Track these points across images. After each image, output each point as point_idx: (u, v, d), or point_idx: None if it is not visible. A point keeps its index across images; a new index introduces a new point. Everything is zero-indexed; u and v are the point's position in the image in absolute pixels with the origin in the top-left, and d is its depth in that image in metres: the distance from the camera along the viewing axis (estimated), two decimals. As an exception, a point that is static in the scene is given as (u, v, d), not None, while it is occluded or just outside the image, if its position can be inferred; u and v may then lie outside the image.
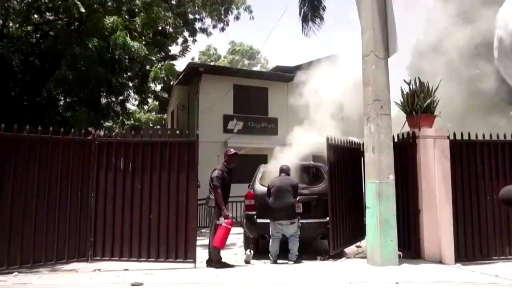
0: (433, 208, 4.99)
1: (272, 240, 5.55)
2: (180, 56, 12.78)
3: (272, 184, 5.66)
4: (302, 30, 10.29)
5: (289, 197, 5.49)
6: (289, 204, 5.48)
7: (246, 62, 34.52)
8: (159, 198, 5.10)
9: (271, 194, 5.58)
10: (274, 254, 5.54)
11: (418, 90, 5.34)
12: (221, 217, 5.08)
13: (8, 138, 4.64)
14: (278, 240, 5.54)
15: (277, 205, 5.48)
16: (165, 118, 25.94)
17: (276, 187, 5.56)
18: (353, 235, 6.06)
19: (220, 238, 5.02)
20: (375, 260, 4.67)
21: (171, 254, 5.01)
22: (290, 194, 5.51)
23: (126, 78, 11.03)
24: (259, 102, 15.41)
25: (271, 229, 5.55)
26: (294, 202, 5.53)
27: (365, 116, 4.98)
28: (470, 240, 5.12)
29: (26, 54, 10.19)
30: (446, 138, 5.15)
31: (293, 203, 5.53)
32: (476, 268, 4.60)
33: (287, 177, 5.72)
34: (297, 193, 5.60)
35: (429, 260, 4.88)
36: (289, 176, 5.75)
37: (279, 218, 5.48)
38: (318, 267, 5.11)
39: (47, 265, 4.75)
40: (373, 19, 4.90)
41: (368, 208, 4.89)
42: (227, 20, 11.78)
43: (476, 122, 13.93)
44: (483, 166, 5.25)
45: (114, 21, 7.94)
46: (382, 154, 4.77)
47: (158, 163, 5.15)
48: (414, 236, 5.11)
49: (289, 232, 5.47)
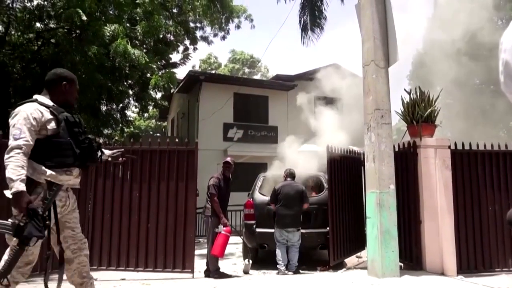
0: (434, 218, 4.94)
1: (278, 247, 5.50)
2: (180, 64, 12.81)
3: (280, 190, 5.63)
4: (301, 39, 10.33)
5: (298, 204, 5.48)
6: (299, 212, 5.49)
7: (247, 70, 34.67)
8: (157, 206, 5.04)
9: (279, 200, 5.56)
10: (282, 262, 5.46)
11: (418, 99, 5.32)
12: (220, 225, 5.03)
13: (6, 145, 4.59)
14: (284, 247, 5.51)
15: (286, 212, 5.46)
16: (165, 125, 25.97)
17: (286, 193, 5.54)
18: (354, 246, 5.99)
19: (219, 247, 4.96)
20: (376, 271, 4.59)
21: (169, 264, 4.94)
22: (299, 200, 5.50)
23: (126, 86, 11.03)
24: (259, 111, 15.44)
25: (276, 235, 5.51)
26: (303, 209, 5.54)
27: (366, 125, 4.96)
28: (472, 252, 5.05)
29: (27, 61, 10.21)
30: (447, 147, 5.11)
31: (302, 210, 5.55)
32: (478, 280, 4.53)
33: (295, 182, 5.72)
34: (306, 199, 5.59)
35: (431, 272, 4.81)
36: (294, 181, 5.76)
37: (286, 225, 5.46)
38: (318, 278, 5.03)
39: (42, 275, 4.67)
40: (374, 29, 4.90)
41: (368, 218, 4.83)
42: (228, 28, 11.82)
43: (476, 133, 13.94)
44: (484, 176, 5.21)
45: (115, 29, 7.96)
46: (382, 164, 4.73)
47: (157, 171, 5.11)
48: (416, 247, 5.04)
49: (294, 240, 5.45)
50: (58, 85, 2.54)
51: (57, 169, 2.37)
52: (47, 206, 2.28)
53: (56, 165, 2.37)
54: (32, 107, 2.36)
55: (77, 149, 2.43)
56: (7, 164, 2.17)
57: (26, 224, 2.12)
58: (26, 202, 2.14)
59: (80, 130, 2.50)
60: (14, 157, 2.19)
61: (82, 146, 2.47)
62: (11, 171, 2.15)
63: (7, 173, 2.15)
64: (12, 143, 2.23)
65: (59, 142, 2.38)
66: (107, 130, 12.79)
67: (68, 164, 2.42)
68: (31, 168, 2.29)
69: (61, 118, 2.40)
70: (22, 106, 2.38)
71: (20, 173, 2.16)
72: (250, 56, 34.86)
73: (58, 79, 2.55)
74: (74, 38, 8.80)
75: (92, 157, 2.57)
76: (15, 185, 2.12)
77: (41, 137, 2.34)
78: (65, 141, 2.40)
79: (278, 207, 5.54)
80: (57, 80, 2.54)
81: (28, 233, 2.11)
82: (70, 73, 2.66)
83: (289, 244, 5.49)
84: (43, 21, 9.62)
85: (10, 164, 2.17)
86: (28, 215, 2.13)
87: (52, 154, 2.36)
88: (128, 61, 8.01)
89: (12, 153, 2.21)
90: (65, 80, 2.57)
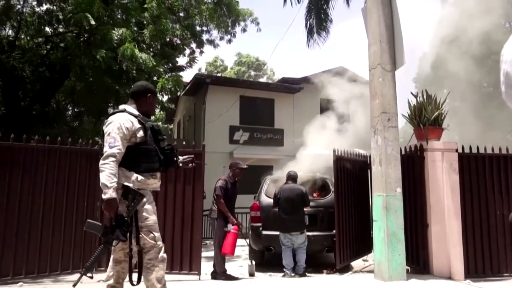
0: (441, 222, 4.91)
1: (284, 251, 5.47)
2: (187, 67, 12.89)
3: (279, 193, 5.59)
4: (307, 42, 10.36)
5: (299, 207, 5.46)
6: (301, 215, 5.46)
7: (253, 73, 34.76)
8: (164, 209, 5.08)
9: (279, 204, 5.53)
10: (288, 266, 5.44)
11: (425, 102, 5.31)
12: (228, 224, 5.07)
13: (17, 148, 4.68)
14: (290, 250, 5.47)
15: (287, 216, 5.44)
16: (171, 128, 26.09)
17: (286, 197, 5.51)
18: (360, 249, 5.97)
19: (230, 246, 5.00)
20: (383, 274, 4.58)
21: (176, 266, 4.97)
22: (300, 203, 5.47)
23: (134, 89, 11.15)
24: (265, 113, 15.45)
25: (281, 238, 5.50)
26: (304, 213, 5.51)
27: (372, 128, 4.96)
28: (480, 256, 5.01)
29: (36, 65, 10.36)
30: (454, 151, 5.09)
31: (304, 214, 5.50)
32: (486, 285, 4.50)
33: (295, 185, 5.67)
34: (307, 201, 5.55)
35: (438, 276, 4.79)
36: (296, 184, 5.71)
37: (289, 229, 5.44)
38: (324, 281, 5.03)
39: (51, 276, 4.73)
40: (380, 32, 4.91)
41: (375, 222, 4.82)
42: (234, 32, 11.90)
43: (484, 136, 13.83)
44: (492, 180, 5.18)
45: (122, 33, 8.06)
46: (389, 167, 4.72)
47: (164, 174, 5.14)
48: (423, 251, 5.02)
49: (298, 242, 5.43)
50: (144, 96, 2.79)
51: (145, 174, 2.61)
52: (131, 212, 2.51)
53: (144, 170, 2.62)
54: (124, 117, 2.61)
55: (161, 155, 2.69)
56: (103, 170, 2.43)
57: (113, 227, 2.41)
58: (116, 208, 2.42)
59: (162, 137, 2.76)
60: (109, 165, 2.45)
61: (165, 152, 2.74)
62: (106, 178, 2.41)
63: (102, 178, 2.42)
64: (108, 150, 2.50)
65: (148, 149, 2.64)
66: (114, 133, 12.89)
67: (155, 169, 2.67)
68: (124, 176, 2.55)
69: (147, 126, 2.66)
70: (114, 116, 2.64)
71: (113, 181, 2.42)
72: (256, 59, 34.97)
73: (144, 91, 2.80)
74: (82, 42, 8.91)
75: (173, 162, 2.84)
76: (109, 192, 2.39)
77: (131, 144, 2.59)
78: (152, 147, 2.65)
79: (279, 212, 5.53)
80: (144, 92, 2.80)
81: (115, 236, 2.40)
82: (153, 86, 2.95)
83: (296, 246, 5.47)
84: (52, 25, 9.76)
85: (106, 171, 2.43)
86: (115, 220, 2.42)
87: (140, 160, 2.60)
88: (135, 64, 8.10)
89: (108, 160, 2.47)
90: (150, 92, 2.83)
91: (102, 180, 2.41)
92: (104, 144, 2.54)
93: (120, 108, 2.74)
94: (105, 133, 2.58)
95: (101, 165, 2.46)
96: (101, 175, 2.42)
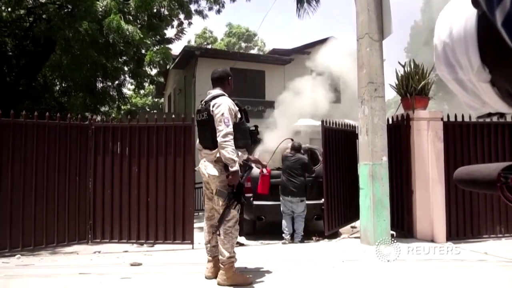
0: (426, 188, 5.09)
1: (284, 218, 5.76)
2: (175, 39, 12.63)
3: (283, 162, 5.88)
4: (297, 12, 10.17)
5: (301, 176, 5.68)
6: (302, 182, 5.66)
7: (243, 44, 34.10)
8: (156, 181, 5.17)
9: (283, 170, 5.80)
10: (287, 231, 5.71)
11: (412, 72, 5.35)
12: (263, 169, 5.58)
13: (5, 124, 4.66)
14: (290, 217, 5.74)
15: (289, 184, 5.64)
16: (162, 102, 25.84)
17: (287, 166, 5.77)
18: (348, 216, 6.18)
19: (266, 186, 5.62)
20: (368, 239, 4.79)
21: (169, 236, 5.12)
22: (301, 173, 5.70)
23: (121, 62, 10.91)
24: (256, 85, 15.35)
25: (282, 206, 5.72)
26: (305, 182, 5.71)
27: (359, 98, 5.01)
28: (462, 220, 5.24)
29: (19, 39, 10.07)
30: (439, 120, 5.20)
31: (305, 183, 5.71)
32: (466, 246, 4.73)
33: (298, 155, 5.85)
34: (310, 170, 5.82)
35: (421, 239, 5.01)
36: (300, 153, 5.88)
37: (287, 194, 5.69)
38: (312, 247, 5.24)
39: (48, 248, 4.86)
40: (368, 1, 4.87)
41: (361, 190, 4.98)
42: (223, 1, 11.59)
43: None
44: (475, 148, 5.33)
45: (107, 4, 7.82)
46: (375, 136, 4.82)
47: (155, 147, 5.20)
48: (408, 216, 5.22)
49: (299, 210, 5.66)
50: (227, 80, 3.28)
51: (242, 150, 3.10)
52: (244, 181, 3.11)
53: (242, 146, 3.09)
54: (229, 100, 3.08)
55: (250, 133, 3.21)
56: (225, 147, 2.87)
57: (234, 193, 2.97)
58: (238, 178, 2.96)
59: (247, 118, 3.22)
60: (230, 142, 2.89)
61: (252, 131, 3.25)
62: (231, 153, 2.88)
63: (227, 154, 2.87)
64: (225, 129, 2.90)
65: (245, 128, 3.15)
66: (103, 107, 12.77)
67: (248, 145, 3.19)
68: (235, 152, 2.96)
69: (243, 108, 3.19)
70: (221, 98, 3.06)
71: (235, 156, 2.90)
72: (246, 29, 34.21)
73: (227, 76, 3.29)
74: (66, 14, 8.64)
75: (257, 139, 3.41)
76: (235, 166, 2.89)
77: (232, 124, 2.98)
78: (247, 127, 3.18)
79: (282, 177, 5.78)
80: (226, 76, 3.29)
81: (236, 199, 2.98)
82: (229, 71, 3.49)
83: (295, 215, 5.70)
84: (33, -4, 9.40)
85: (229, 147, 2.88)
86: (237, 187, 2.98)
87: (239, 137, 3.03)
88: (122, 37, 7.91)
89: (228, 138, 2.89)
90: (230, 76, 3.32)
91: (227, 155, 2.85)
92: (220, 124, 2.91)
93: (218, 93, 3.15)
94: (217, 113, 2.95)
95: (223, 142, 2.86)
96: (225, 151, 2.86)
